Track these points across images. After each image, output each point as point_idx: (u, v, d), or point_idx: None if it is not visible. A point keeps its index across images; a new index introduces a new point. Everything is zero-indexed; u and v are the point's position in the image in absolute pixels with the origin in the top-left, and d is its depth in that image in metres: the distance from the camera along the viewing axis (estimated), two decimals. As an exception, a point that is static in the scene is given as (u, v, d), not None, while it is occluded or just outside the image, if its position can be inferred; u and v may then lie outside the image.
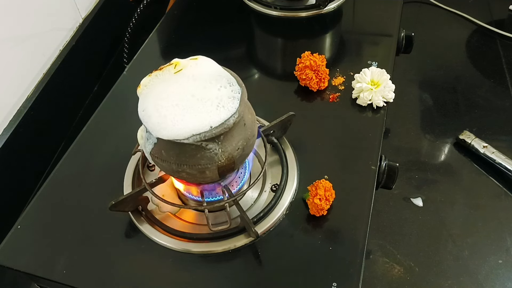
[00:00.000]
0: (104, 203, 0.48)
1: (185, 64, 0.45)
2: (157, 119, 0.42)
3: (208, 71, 0.44)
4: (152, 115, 0.42)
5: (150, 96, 0.43)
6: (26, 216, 0.52)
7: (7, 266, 0.48)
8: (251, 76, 0.70)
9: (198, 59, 0.45)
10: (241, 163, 0.47)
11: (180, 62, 0.45)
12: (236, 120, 0.42)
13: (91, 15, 0.79)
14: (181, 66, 0.45)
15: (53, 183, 0.55)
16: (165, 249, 0.48)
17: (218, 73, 0.44)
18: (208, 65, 0.45)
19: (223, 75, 0.44)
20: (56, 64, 0.71)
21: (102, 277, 0.46)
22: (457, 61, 0.90)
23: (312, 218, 0.50)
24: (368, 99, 0.60)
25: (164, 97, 0.43)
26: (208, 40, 0.75)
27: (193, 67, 0.45)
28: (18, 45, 0.64)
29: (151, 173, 0.55)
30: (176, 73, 0.44)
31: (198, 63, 0.45)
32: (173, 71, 0.45)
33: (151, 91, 0.44)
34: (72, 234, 0.50)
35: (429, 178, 0.72)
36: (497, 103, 0.80)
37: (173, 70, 0.45)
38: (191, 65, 0.45)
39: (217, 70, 0.45)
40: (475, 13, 0.98)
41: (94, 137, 0.60)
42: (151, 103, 0.43)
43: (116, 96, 0.66)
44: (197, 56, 0.46)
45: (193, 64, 0.45)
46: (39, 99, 0.67)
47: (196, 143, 0.41)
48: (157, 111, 0.42)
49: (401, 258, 0.63)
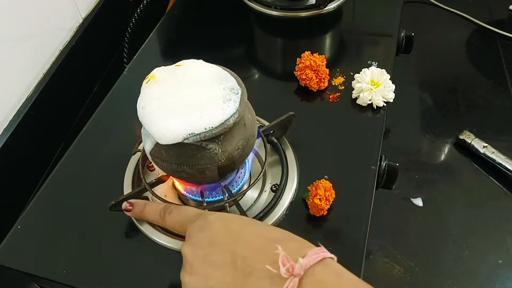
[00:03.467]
0: (104, 203, 0.48)
1: (171, 70, 0.45)
2: (156, 121, 0.42)
3: (208, 71, 0.44)
4: (151, 116, 0.42)
5: (150, 97, 0.43)
6: (26, 216, 0.52)
7: (7, 266, 0.48)
8: (251, 76, 0.70)
9: (182, 65, 0.45)
10: (241, 163, 0.47)
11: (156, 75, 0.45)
12: (236, 120, 0.42)
13: (91, 15, 0.79)
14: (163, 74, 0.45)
15: (53, 183, 0.55)
16: (166, 249, 0.48)
17: (217, 73, 0.44)
18: (205, 66, 0.45)
19: (223, 75, 0.44)
20: (56, 64, 0.71)
21: (102, 277, 0.46)
22: (457, 61, 0.90)
23: (312, 218, 0.50)
24: (368, 99, 0.60)
25: (164, 97, 0.43)
26: (208, 40, 0.75)
27: (192, 68, 0.45)
28: (18, 45, 0.64)
29: (151, 173, 0.55)
30: (176, 68, 0.44)
31: (187, 66, 0.45)
32: (173, 72, 0.45)
33: (151, 91, 0.44)
34: (72, 234, 0.50)
35: (429, 178, 0.72)
36: (497, 103, 0.79)
37: (173, 70, 0.45)
38: (190, 66, 0.45)
39: (215, 70, 0.45)
40: (475, 13, 0.98)
41: (94, 137, 0.60)
42: (151, 104, 0.43)
43: (116, 96, 0.66)
44: (181, 62, 0.46)
45: (192, 65, 0.45)
46: (39, 99, 0.67)
47: (196, 143, 0.41)
48: (156, 112, 0.42)
49: (401, 258, 0.63)
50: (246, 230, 0.35)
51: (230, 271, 0.32)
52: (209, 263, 0.33)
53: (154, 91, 0.44)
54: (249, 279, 0.31)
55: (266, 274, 0.30)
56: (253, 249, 0.33)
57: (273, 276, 0.30)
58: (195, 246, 0.35)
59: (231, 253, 0.33)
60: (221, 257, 0.33)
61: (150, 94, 0.44)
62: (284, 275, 0.29)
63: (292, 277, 0.29)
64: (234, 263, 0.32)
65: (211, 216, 0.37)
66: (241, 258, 0.32)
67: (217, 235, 0.35)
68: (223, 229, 0.35)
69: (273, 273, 0.30)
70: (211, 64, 0.46)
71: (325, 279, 0.30)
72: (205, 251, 0.34)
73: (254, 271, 0.31)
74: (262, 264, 0.31)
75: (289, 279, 0.29)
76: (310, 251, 0.31)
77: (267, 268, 0.30)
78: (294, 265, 0.30)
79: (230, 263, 0.32)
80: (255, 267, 0.31)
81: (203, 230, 0.36)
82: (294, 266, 0.30)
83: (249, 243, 0.33)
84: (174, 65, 0.46)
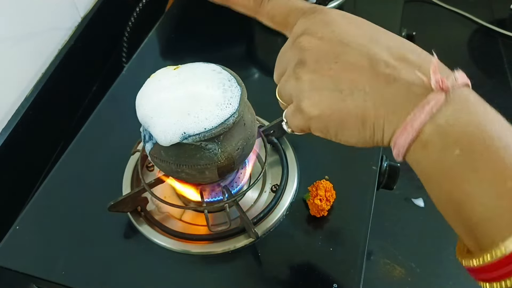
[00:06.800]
0: (103, 203, 0.48)
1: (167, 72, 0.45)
2: (155, 121, 0.41)
3: (207, 71, 0.44)
4: (151, 116, 0.42)
5: (150, 97, 0.43)
6: (24, 217, 0.51)
7: (5, 267, 0.47)
8: (251, 76, 0.69)
9: (182, 66, 0.45)
10: (241, 163, 0.46)
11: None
12: (236, 120, 0.41)
13: (90, 14, 0.78)
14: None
15: (51, 183, 0.55)
16: (165, 250, 0.48)
17: (217, 73, 0.44)
18: (204, 66, 0.45)
19: (223, 74, 0.44)
20: (55, 64, 0.70)
21: (101, 278, 0.46)
22: (459, 60, 0.89)
23: (313, 219, 0.50)
24: (369, 99, 0.60)
25: (163, 97, 0.42)
26: (208, 40, 0.75)
27: (191, 68, 0.45)
28: (17, 45, 0.64)
29: (151, 173, 0.55)
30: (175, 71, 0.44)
31: (187, 67, 0.45)
32: (172, 73, 0.44)
33: (150, 91, 0.43)
34: (71, 234, 0.50)
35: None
36: (499, 102, 0.79)
37: (173, 71, 0.45)
38: (190, 66, 0.45)
39: (215, 70, 0.44)
40: (477, 13, 0.97)
41: (93, 137, 0.60)
42: (151, 104, 0.42)
43: (115, 96, 0.65)
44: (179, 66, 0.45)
45: (192, 65, 0.45)
46: (38, 98, 0.67)
47: (195, 143, 0.41)
48: (156, 112, 0.42)
49: (402, 259, 0.62)
50: (381, 33, 0.30)
51: (368, 74, 0.28)
52: (342, 63, 0.28)
53: (154, 91, 0.43)
54: (391, 86, 0.27)
55: (410, 83, 0.27)
56: (395, 55, 0.28)
57: (418, 85, 0.26)
58: (323, 41, 0.29)
59: (371, 55, 0.28)
60: (359, 58, 0.28)
61: (150, 94, 0.43)
62: (433, 86, 0.26)
63: (440, 90, 0.26)
64: (374, 67, 0.28)
65: (334, 12, 0.31)
66: (384, 62, 0.28)
67: (349, 32, 0.29)
68: (354, 27, 0.30)
69: (419, 83, 0.26)
70: (210, 63, 0.45)
71: (474, 101, 0.27)
72: (336, 49, 0.29)
73: (398, 78, 0.27)
74: (406, 71, 0.27)
75: (436, 93, 0.26)
76: (458, 72, 0.28)
77: (414, 76, 0.27)
78: (444, 79, 0.26)
79: (369, 66, 0.28)
80: (399, 74, 0.27)
81: (329, 24, 0.30)
82: (444, 79, 0.26)
83: (389, 47, 0.28)
84: (174, 67, 0.45)
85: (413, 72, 0.27)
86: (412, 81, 0.27)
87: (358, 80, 0.28)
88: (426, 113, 0.26)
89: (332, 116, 0.29)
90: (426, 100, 0.26)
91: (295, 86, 0.30)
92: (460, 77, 0.27)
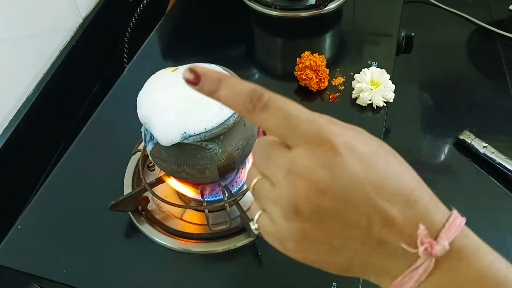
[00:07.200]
0: (104, 203, 0.48)
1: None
2: (156, 121, 0.42)
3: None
4: (152, 116, 0.42)
5: (151, 97, 0.43)
6: (26, 216, 0.52)
7: (7, 266, 0.48)
8: (251, 76, 0.70)
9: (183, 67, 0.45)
10: (241, 163, 0.47)
11: None
12: (236, 120, 0.42)
13: (91, 15, 0.79)
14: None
15: (53, 183, 0.55)
16: (165, 249, 0.48)
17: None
18: (205, 66, 0.45)
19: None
20: (56, 64, 0.71)
21: (102, 277, 0.46)
22: (457, 61, 0.90)
23: (312, 218, 0.50)
24: (368, 99, 0.60)
25: (164, 98, 0.43)
26: (208, 40, 0.75)
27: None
28: (18, 45, 0.64)
29: (151, 173, 0.55)
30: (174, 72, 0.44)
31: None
32: (172, 73, 0.45)
33: (151, 92, 0.44)
34: (72, 234, 0.50)
35: (429, 178, 0.71)
36: (497, 103, 0.79)
37: (173, 72, 0.45)
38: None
39: (215, 69, 0.45)
40: (475, 13, 0.97)
41: (94, 137, 0.60)
42: (151, 104, 0.43)
43: (116, 96, 0.65)
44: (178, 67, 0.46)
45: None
46: (39, 99, 0.67)
47: (196, 143, 0.41)
48: (157, 112, 0.42)
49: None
50: (389, 173, 0.27)
51: (363, 233, 0.25)
52: (340, 221, 0.25)
53: (154, 91, 0.44)
54: (381, 249, 0.26)
55: (399, 248, 0.25)
56: (394, 209, 0.25)
57: (407, 250, 0.25)
58: (325, 196, 0.25)
59: (370, 214, 0.25)
60: (357, 217, 0.25)
61: (150, 95, 0.44)
62: (421, 254, 0.25)
63: (430, 257, 0.25)
64: (369, 228, 0.25)
65: (341, 145, 0.26)
66: (380, 225, 0.25)
67: (355, 179, 0.25)
68: (364, 168, 0.26)
69: (408, 247, 0.25)
70: (211, 64, 0.46)
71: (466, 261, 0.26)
72: (337, 207, 0.25)
73: (390, 242, 0.25)
74: (396, 234, 0.25)
75: (426, 260, 0.25)
76: (449, 222, 0.27)
77: (404, 239, 0.25)
78: (433, 244, 0.25)
79: (366, 225, 0.25)
80: (391, 239, 0.25)
81: (335, 167, 0.25)
82: (433, 245, 0.25)
83: (391, 197, 0.26)
84: (174, 68, 0.46)
85: (403, 238, 0.26)
86: (401, 247, 0.26)
87: (352, 237, 0.26)
88: (414, 281, 0.26)
89: (315, 263, 0.29)
90: (415, 266, 0.26)
91: (283, 224, 0.27)
92: (448, 236, 0.26)
